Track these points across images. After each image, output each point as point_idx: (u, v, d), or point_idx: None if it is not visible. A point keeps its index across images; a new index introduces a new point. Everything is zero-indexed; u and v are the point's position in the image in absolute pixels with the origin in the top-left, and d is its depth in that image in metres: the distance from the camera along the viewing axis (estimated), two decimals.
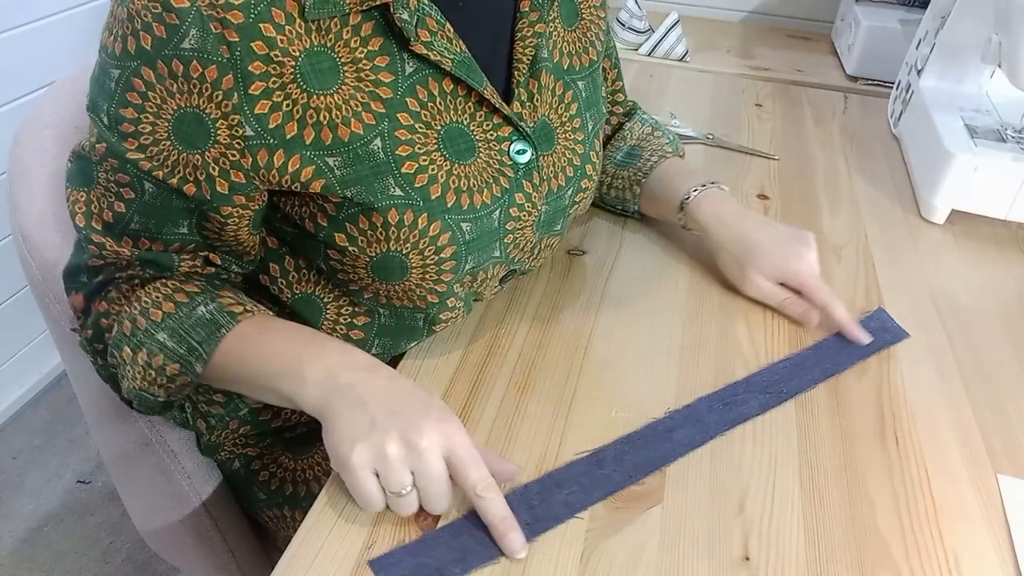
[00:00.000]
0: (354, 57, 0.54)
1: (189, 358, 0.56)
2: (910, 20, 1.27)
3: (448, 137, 0.58)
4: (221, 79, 0.50)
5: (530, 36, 0.62)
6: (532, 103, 0.63)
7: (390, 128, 0.55)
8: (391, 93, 0.55)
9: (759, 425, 0.62)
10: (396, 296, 0.62)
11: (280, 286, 0.66)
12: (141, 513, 0.83)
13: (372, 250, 0.58)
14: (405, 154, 0.56)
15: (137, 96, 0.51)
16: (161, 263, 0.59)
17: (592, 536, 0.53)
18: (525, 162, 0.62)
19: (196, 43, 0.48)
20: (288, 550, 0.52)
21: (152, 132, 0.52)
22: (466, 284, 0.65)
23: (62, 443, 1.61)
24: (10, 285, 1.57)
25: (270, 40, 0.50)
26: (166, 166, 0.53)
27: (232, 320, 0.57)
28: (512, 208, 0.62)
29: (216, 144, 0.52)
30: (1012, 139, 0.91)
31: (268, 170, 0.54)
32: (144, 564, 1.38)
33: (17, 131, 0.70)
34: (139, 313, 0.57)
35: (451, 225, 0.59)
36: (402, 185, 0.56)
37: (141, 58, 0.49)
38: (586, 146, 0.69)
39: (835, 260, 0.83)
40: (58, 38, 1.52)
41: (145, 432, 0.72)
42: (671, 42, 1.35)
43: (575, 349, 0.69)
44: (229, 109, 0.51)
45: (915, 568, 0.52)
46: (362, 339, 0.67)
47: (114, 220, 0.57)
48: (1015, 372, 0.69)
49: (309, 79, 0.52)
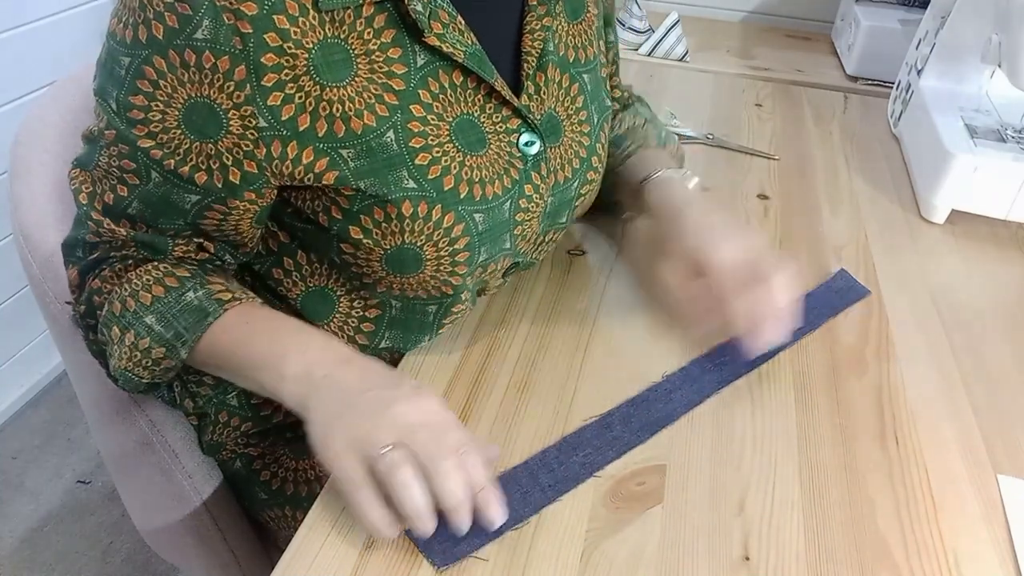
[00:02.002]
0: (367, 49, 0.54)
1: (175, 343, 0.57)
2: (910, 20, 1.27)
3: (460, 129, 0.58)
4: (233, 70, 0.50)
5: (538, 30, 0.62)
6: (539, 96, 0.63)
7: (403, 120, 0.56)
8: (404, 85, 0.55)
9: (759, 425, 0.62)
10: (411, 288, 0.63)
11: (294, 279, 0.66)
12: (141, 513, 0.83)
13: (387, 243, 0.59)
14: (418, 146, 0.56)
15: (148, 84, 0.51)
16: (156, 246, 0.59)
17: (592, 536, 0.53)
18: (534, 154, 0.63)
19: (209, 34, 0.48)
20: (288, 550, 0.52)
21: (162, 120, 0.52)
22: (476, 276, 0.65)
23: (62, 443, 1.61)
24: (10, 285, 1.57)
25: (283, 32, 0.50)
26: (178, 154, 0.53)
27: (219, 308, 0.57)
28: (521, 199, 0.63)
29: (229, 134, 0.52)
30: (1012, 139, 0.91)
31: (282, 161, 0.54)
32: (144, 564, 1.38)
33: (18, 130, 0.70)
34: (129, 295, 0.58)
35: (464, 216, 0.59)
36: (415, 177, 0.57)
37: (152, 47, 0.50)
38: (592, 138, 0.69)
39: (835, 260, 0.83)
40: (58, 38, 1.52)
41: (145, 432, 0.72)
42: (671, 42, 1.35)
43: (575, 349, 0.69)
44: (241, 100, 0.51)
45: (915, 568, 0.52)
46: (373, 331, 0.67)
47: (114, 203, 0.57)
48: (1015, 372, 0.69)
49: (322, 71, 0.52)
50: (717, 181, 0.97)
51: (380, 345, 0.68)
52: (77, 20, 1.56)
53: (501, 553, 0.52)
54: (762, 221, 0.89)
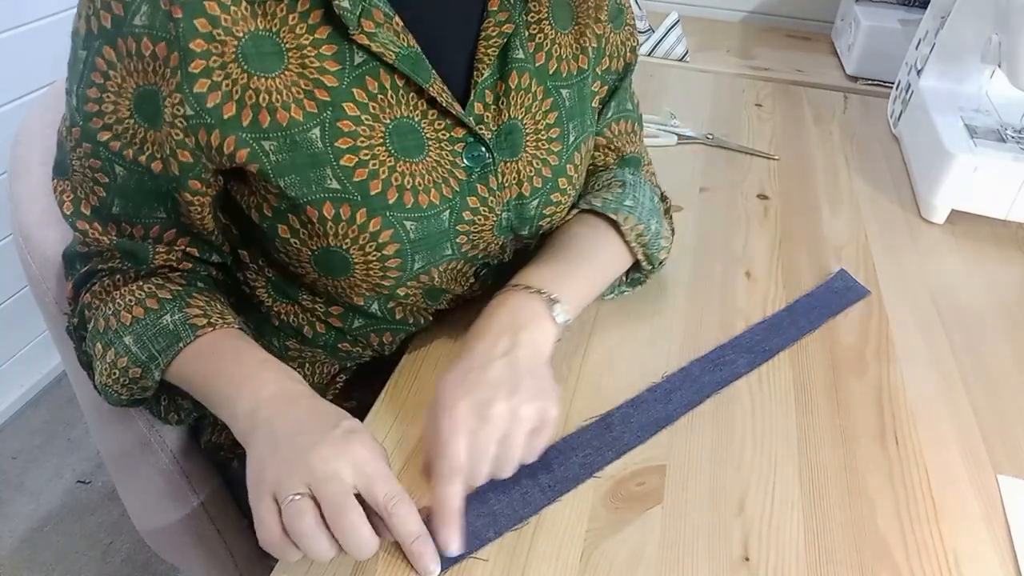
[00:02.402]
0: (299, 43, 0.53)
1: (149, 364, 0.57)
2: (910, 20, 1.27)
3: (397, 132, 0.57)
4: (169, 56, 0.50)
5: (495, 36, 0.60)
6: (498, 105, 0.61)
7: (332, 118, 0.54)
8: (336, 82, 0.54)
9: (759, 425, 0.62)
10: (344, 291, 0.62)
11: (258, 267, 0.66)
12: (140, 513, 0.83)
13: (313, 243, 0.58)
14: (345, 147, 0.55)
15: (100, 76, 0.51)
16: (136, 254, 0.59)
17: (592, 536, 0.53)
18: (478, 167, 0.60)
19: (147, 20, 0.49)
20: None
21: (115, 111, 0.52)
22: (423, 282, 0.63)
23: (62, 443, 1.61)
24: (10, 285, 1.57)
25: (214, 18, 0.50)
26: (134, 143, 0.54)
27: (191, 334, 0.56)
28: (465, 211, 0.61)
29: (165, 123, 0.52)
30: (1012, 139, 0.91)
31: (208, 150, 0.53)
32: (144, 564, 1.38)
33: (18, 131, 0.70)
34: (112, 313, 0.58)
35: (393, 222, 0.58)
36: (339, 178, 0.55)
37: (102, 37, 0.50)
38: (561, 158, 0.65)
39: (835, 260, 0.83)
40: (58, 38, 1.51)
41: (145, 432, 0.72)
42: (671, 42, 1.35)
43: (575, 349, 0.69)
44: (174, 87, 0.51)
45: (915, 568, 0.52)
46: (343, 315, 0.67)
47: (99, 204, 0.57)
48: (1015, 372, 0.69)
49: (251, 60, 0.52)
50: (717, 181, 0.97)
51: (354, 326, 0.67)
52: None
53: (501, 553, 0.52)
54: (762, 221, 0.89)
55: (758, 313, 0.74)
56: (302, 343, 0.70)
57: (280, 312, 0.68)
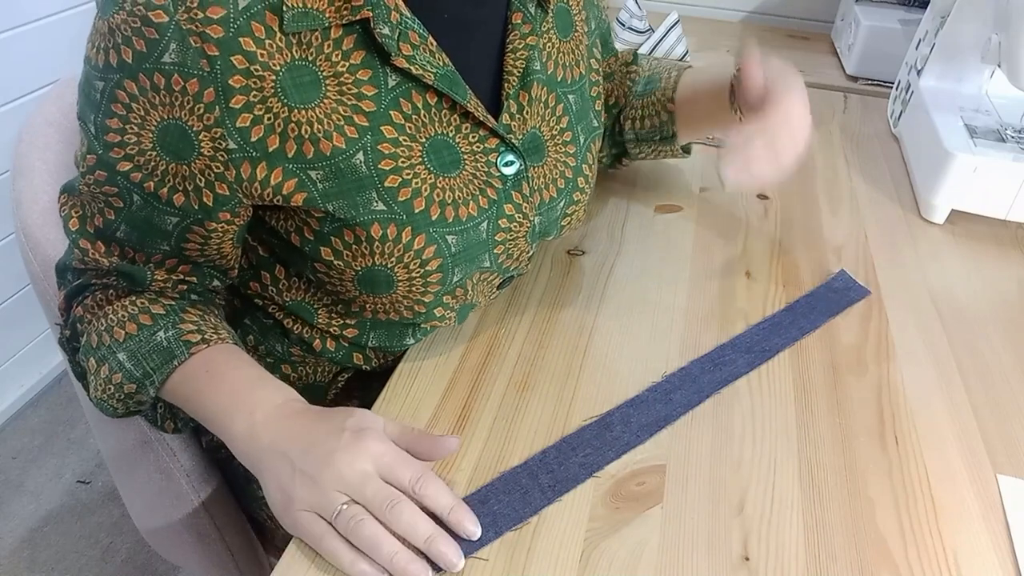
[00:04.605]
0: (336, 71, 0.53)
1: (144, 381, 0.57)
2: (910, 20, 1.27)
3: (433, 149, 0.58)
4: (202, 92, 0.50)
5: (521, 48, 0.61)
6: (522, 115, 0.63)
7: (373, 141, 0.55)
8: (374, 106, 0.55)
9: (759, 425, 0.62)
10: (383, 309, 0.63)
11: (271, 294, 0.66)
12: (141, 512, 0.83)
13: (357, 264, 0.59)
14: (388, 168, 0.56)
15: (121, 107, 0.51)
16: (135, 277, 0.59)
17: (592, 536, 0.53)
18: (513, 174, 0.62)
19: (176, 57, 0.49)
20: (288, 550, 0.52)
21: (138, 143, 0.52)
22: (458, 296, 0.65)
23: (62, 443, 1.61)
24: (11, 285, 1.57)
25: (250, 54, 0.50)
26: (155, 175, 0.53)
27: (185, 351, 0.57)
28: (501, 219, 0.62)
29: (200, 156, 0.52)
30: (1012, 139, 0.91)
31: (251, 183, 0.54)
32: (144, 564, 1.38)
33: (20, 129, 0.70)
34: (105, 329, 0.58)
35: (436, 238, 0.59)
36: (385, 199, 0.56)
37: (123, 71, 0.50)
38: (578, 159, 0.68)
39: (835, 260, 0.83)
40: (58, 38, 1.52)
41: (145, 431, 0.72)
42: (671, 42, 1.35)
43: (575, 349, 0.69)
44: (211, 122, 0.51)
45: (915, 568, 0.52)
46: (357, 336, 0.67)
47: (104, 226, 0.57)
48: (1015, 372, 0.69)
49: (290, 93, 0.52)
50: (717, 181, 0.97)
51: (369, 344, 0.68)
52: (77, 20, 1.56)
53: (501, 553, 0.52)
54: (762, 221, 0.89)
55: (758, 313, 0.74)
56: (307, 352, 0.70)
57: (290, 326, 0.68)
